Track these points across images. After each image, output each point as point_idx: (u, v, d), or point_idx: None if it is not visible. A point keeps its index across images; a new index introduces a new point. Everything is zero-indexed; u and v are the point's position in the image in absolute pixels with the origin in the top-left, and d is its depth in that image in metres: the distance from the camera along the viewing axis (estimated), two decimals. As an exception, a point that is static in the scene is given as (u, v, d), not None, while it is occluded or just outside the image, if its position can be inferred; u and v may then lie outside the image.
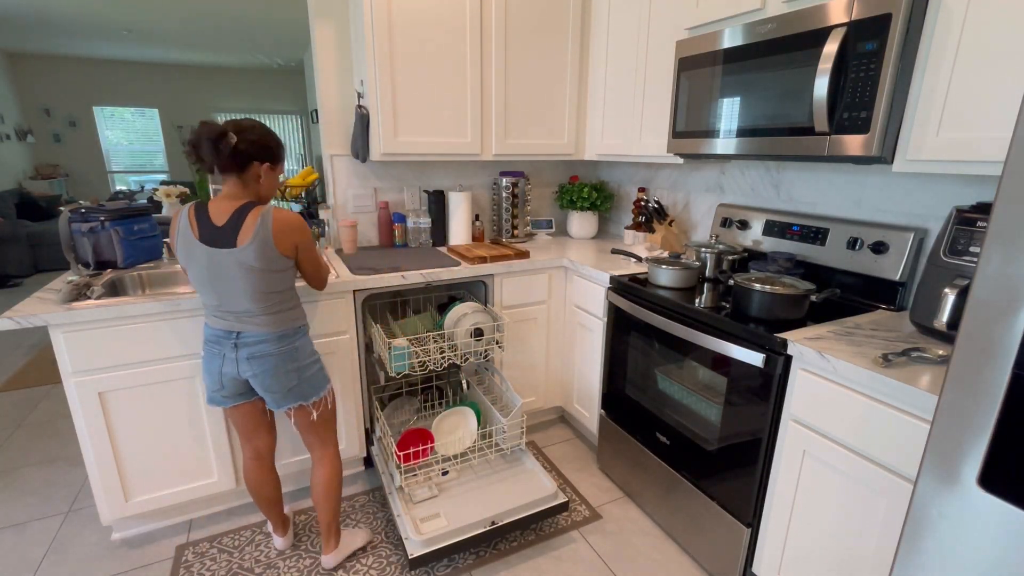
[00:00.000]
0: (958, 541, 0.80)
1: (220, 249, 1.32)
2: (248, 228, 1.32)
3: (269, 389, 1.45)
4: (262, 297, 1.38)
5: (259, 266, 1.34)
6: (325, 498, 1.60)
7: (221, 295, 1.37)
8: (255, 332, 1.40)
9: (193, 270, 1.36)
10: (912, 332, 1.36)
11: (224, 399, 1.50)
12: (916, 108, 1.24)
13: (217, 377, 1.45)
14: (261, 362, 1.41)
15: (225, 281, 1.34)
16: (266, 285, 1.37)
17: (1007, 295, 0.72)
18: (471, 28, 2.13)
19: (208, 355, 1.45)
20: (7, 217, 5.26)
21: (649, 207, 2.34)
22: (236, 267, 1.33)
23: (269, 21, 5.27)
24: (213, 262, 1.33)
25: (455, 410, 1.97)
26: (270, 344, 1.41)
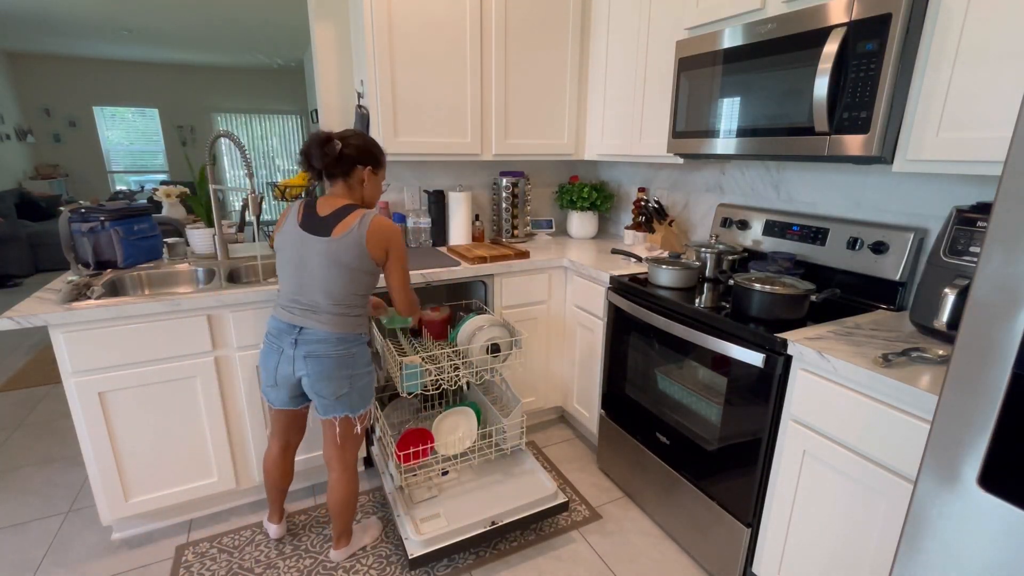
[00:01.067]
0: (958, 541, 0.80)
1: (315, 236, 1.40)
2: (347, 223, 1.40)
3: (320, 393, 1.46)
4: (336, 294, 1.42)
5: (345, 260, 1.39)
6: (341, 513, 1.62)
7: (302, 282, 1.43)
8: (317, 330, 1.43)
9: (283, 253, 1.44)
10: (912, 332, 1.36)
11: (276, 398, 1.54)
12: (916, 108, 1.24)
13: (272, 373, 1.50)
14: (317, 362, 1.43)
15: (309, 269, 1.41)
16: (344, 283, 1.42)
17: (1007, 295, 0.72)
18: (471, 28, 2.13)
19: (267, 348, 1.50)
20: (7, 217, 5.26)
21: (649, 207, 2.34)
22: (324, 256, 1.39)
23: (269, 21, 5.27)
24: (305, 247, 1.41)
25: (455, 410, 1.97)
26: (329, 345, 1.43)
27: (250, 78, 8.01)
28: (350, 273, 1.41)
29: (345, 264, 1.40)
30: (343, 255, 1.39)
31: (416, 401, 2.36)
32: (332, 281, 1.41)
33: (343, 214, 1.41)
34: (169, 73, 7.57)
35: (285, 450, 1.67)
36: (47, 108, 7.01)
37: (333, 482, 1.58)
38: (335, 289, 1.42)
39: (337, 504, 1.60)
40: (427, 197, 2.48)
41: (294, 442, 1.69)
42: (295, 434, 1.68)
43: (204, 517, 1.90)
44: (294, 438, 1.68)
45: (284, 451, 1.67)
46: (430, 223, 2.44)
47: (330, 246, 1.39)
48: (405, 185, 2.53)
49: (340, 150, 1.41)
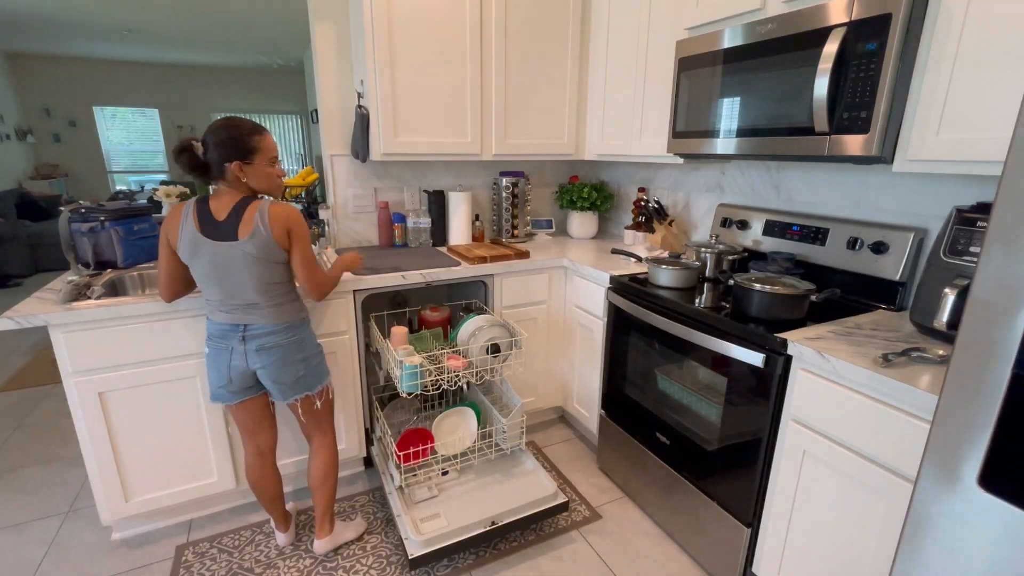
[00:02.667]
0: (958, 541, 0.80)
1: (223, 242, 1.37)
2: (248, 221, 1.37)
3: (278, 380, 1.48)
4: (266, 288, 1.42)
5: (261, 256, 1.38)
6: (322, 484, 1.64)
7: (226, 288, 1.41)
8: (262, 324, 1.44)
9: (198, 265, 1.39)
10: (912, 332, 1.36)
11: (231, 395, 1.51)
12: (916, 108, 1.24)
13: (225, 372, 1.48)
14: (270, 353, 1.46)
15: (230, 274, 1.39)
16: (268, 276, 1.42)
17: (1007, 295, 0.72)
18: (471, 28, 2.13)
19: (214, 351, 1.47)
20: (7, 217, 5.26)
21: (649, 207, 2.34)
22: (240, 259, 1.37)
23: (269, 21, 5.27)
24: (218, 255, 1.37)
25: (455, 410, 1.97)
26: (278, 335, 1.46)
27: (250, 78, 8.01)
28: (269, 266, 1.41)
29: (262, 259, 1.39)
30: (257, 254, 1.38)
31: (416, 401, 2.36)
32: (257, 279, 1.40)
33: (240, 211, 1.37)
34: (169, 73, 7.57)
35: (261, 454, 1.63)
36: (47, 108, 7.01)
37: (312, 451, 1.63)
38: (263, 285, 1.42)
39: (317, 473, 1.62)
40: (427, 197, 2.48)
41: (267, 442, 1.63)
42: (265, 431, 1.62)
43: (204, 517, 1.90)
44: (265, 437, 1.63)
45: (260, 455, 1.63)
46: (430, 223, 2.44)
47: (242, 248, 1.36)
48: (405, 185, 2.53)
49: (201, 157, 1.36)
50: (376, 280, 1.90)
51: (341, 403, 1.95)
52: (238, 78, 7.95)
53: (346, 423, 1.99)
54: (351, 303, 1.89)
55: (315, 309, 1.82)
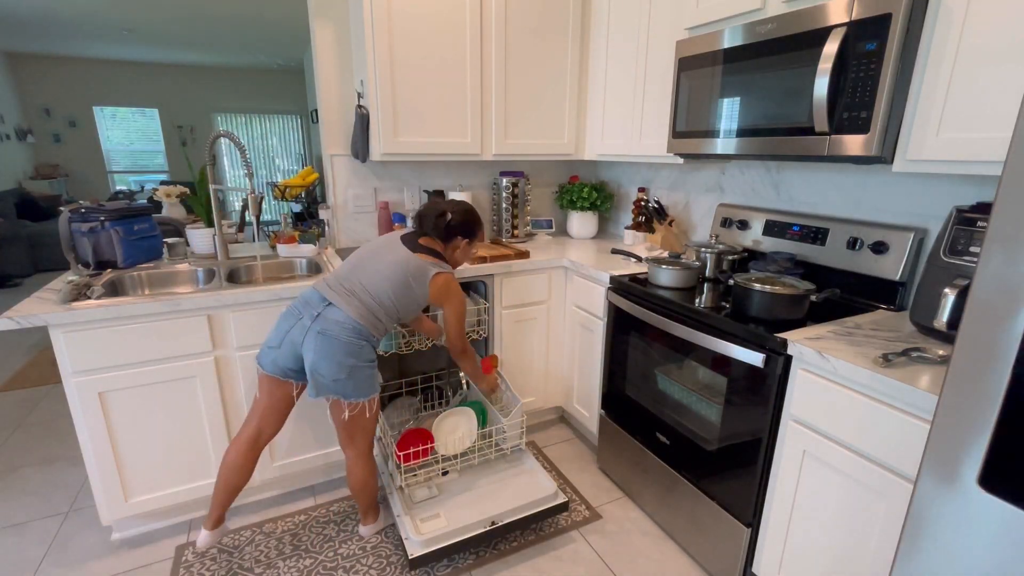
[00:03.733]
0: (958, 541, 0.80)
1: (403, 245, 1.59)
2: (428, 258, 1.60)
3: (317, 370, 1.49)
4: (381, 294, 1.54)
5: (408, 275, 1.55)
6: (361, 492, 1.71)
7: (361, 267, 1.57)
8: (342, 310, 1.50)
9: (363, 249, 1.63)
10: (912, 332, 1.36)
11: (271, 363, 1.55)
12: (916, 108, 1.24)
13: (282, 336, 1.53)
14: (325, 341, 1.48)
15: (376, 262, 1.56)
16: (394, 290, 1.55)
17: (1007, 295, 0.72)
18: (471, 28, 2.13)
19: (287, 313, 1.55)
20: (7, 217, 5.27)
21: (649, 207, 2.34)
22: (395, 261, 1.56)
23: (269, 21, 5.27)
24: (389, 246, 1.59)
25: (455, 410, 1.97)
26: (343, 329, 1.49)
27: (250, 78, 8.01)
28: (405, 288, 1.56)
29: (406, 279, 1.55)
30: (410, 271, 1.56)
31: (416, 401, 2.36)
32: (387, 281, 1.54)
33: (431, 252, 1.63)
34: (169, 73, 7.57)
35: (255, 440, 1.61)
36: (47, 108, 7.01)
37: (348, 467, 1.67)
38: (384, 289, 1.54)
39: (355, 486, 1.69)
40: (427, 197, 2.48)
41: (267, 432, 1.63)
42: (272, 420, 1.62)
43: (204, 517, 1.90)
44: (269, 426, 1.62)
45: (254, 441, 1.60)
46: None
47: (408, 258, 1.57)
48: (405, 185, 2.53)
49: (448, 221, 1.64)
50: (376, 280, 1.90)
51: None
52: (238, 78, 7.95)
53: (346, 423, 1.99)
54: (351, 303, 1.89)
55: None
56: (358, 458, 1.63)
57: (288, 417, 1.69)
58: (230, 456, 1.60)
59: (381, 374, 2.51)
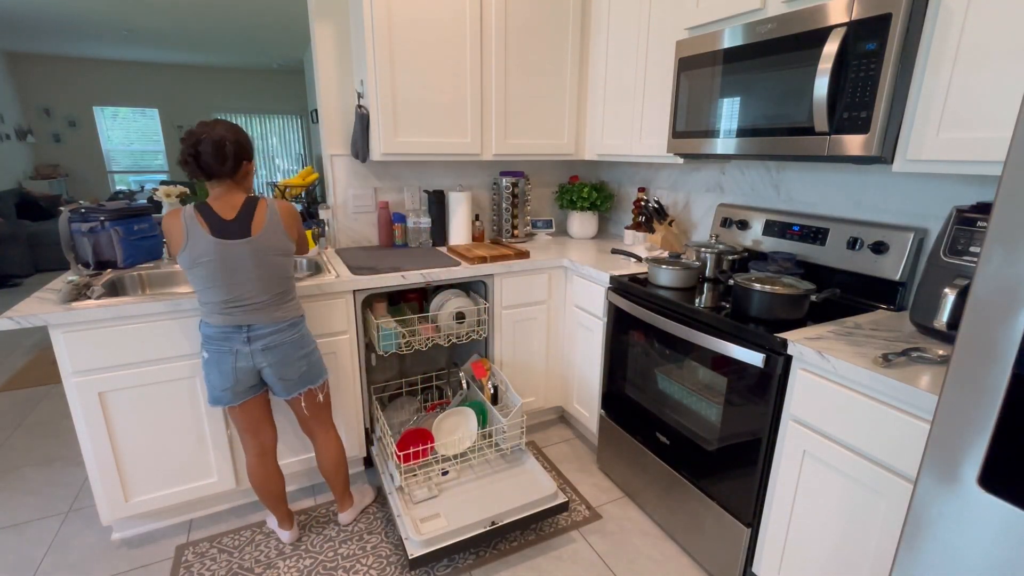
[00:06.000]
0: (958, 541, 0.80)
1: (234, 240, 1.41)
2: (260, 218, 1.45)
3: (283, 377, 1.53)
4: (275, 283, 1.48)
5: (273, 251, 1.46)
6: (336, 473, 1.74)
7: (233, 288, 1.43)
8: (267, 323, 1.48)
9: (204, 268, 1.40)
10: (912, 332, 1.36)
11: (234, 396, 1.53)
12: (916, 108, 1.24)
13: (230, 374, 1.49)
14: (276, 351, 1.50)
15: (239, 272, 1.43)
16: (275, 272, 1.48)
17: (1007, 295, 0.72)
18: (471, 28, 2.13)
19: (216, 355, 1.48)
20: (7, 217, 5.26)
21: (649, 207, 2.34)
22: (251, 255, 1.43)
23: (269, 21, 5.27)
24: (228, 254, 1.41)
25: (455, 410, 1.98)
26: (282, 333, 1.51)
27: (250, 78, 8.01)
28: (278, 261, 1.49)
29: (273, 254, 1.47)
30: (269, 247, 1.45)
31: (416, 401, 2.37)
32: (265, 275, 1.46)
33: (250, 210, 1.45)
34: (169, 73, 7.57)
35: (263, 454, 1.64)
36: (47, 108, 7.01)
37: (320, 448, 1.70)
38: (269, 282, 1.48)
39: (330, 465, 1.72)
40: (427, 197, 2.48)
41: (268, 442, 1.66)
42: (265, 430, 1.64)
43: (204, 517, 1.90)
44: (267, 437, 1.65)
45: (262, 455, 1.64)
46: (430, 223, 2.44)
47: (256, 244, 1.43)
48: (405, 185, 2.53)
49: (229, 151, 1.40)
50: (376, 280, 1.90)
51: (341, 403, 1.95)
52: (238, 78, 7.95)
53: (346, 423, 1.99)
54: (351, 303, 1.89)
55: (315, 309, 1.82)
56: (328, 432, 1.71)
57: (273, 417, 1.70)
58: (255, 476, 1.66)
59: (381, 374, 2.53)
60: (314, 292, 1.80)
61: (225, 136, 1.40)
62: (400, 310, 2.19)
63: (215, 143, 1.38)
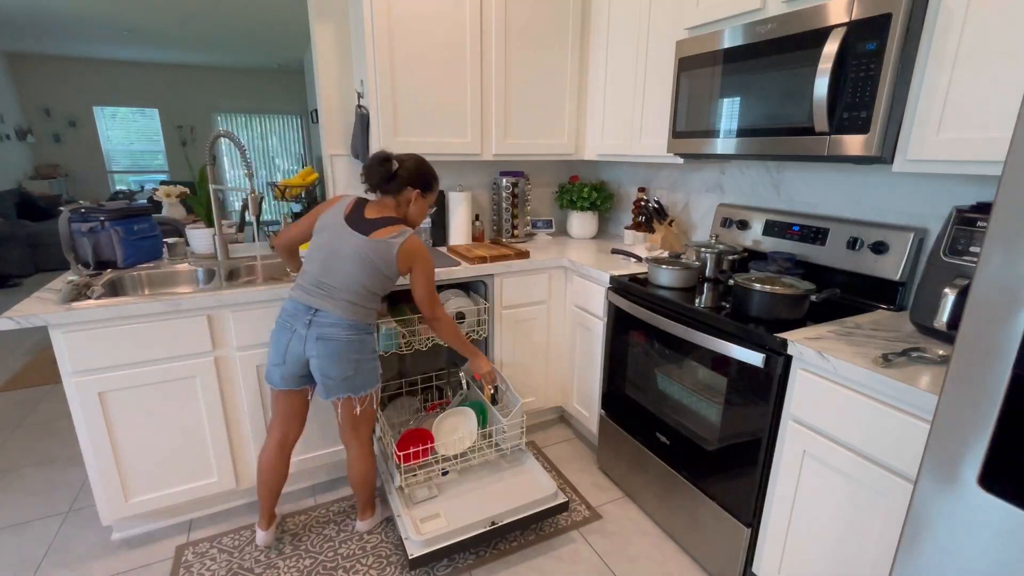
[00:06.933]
0: (958, 541, 0.80)
1: (355, 232, 1.52)
2: (386, 232, 1.53)
3: (327, 374, 1.53)
4: (357, 287, 1.52)
5: (374, 262, 1.51)
6: (362, 487, 1.74)
7: (329, 267, 1.51)
8: (332, 313, 1.51)
9: (320, 237, 1.54)
10: (912, 332, 1.36)
11: (280, 379, 1.57)
12: (916, 108, 1.24)
13: (282, 352, 1.54)
14: (328, 344, 1.51)
15: (340, 258, 1.51)
16: (367, 279, 1.52)
17: (1007, 295, 0.72)
18: (471, 28, 2.13)
19: (279, 328, 1.55)
20: (7, 217, 5.26)
21: (649, 207, 2.34)
22: (356, 252, 1.50)
23: (269, 21, 5.27)
24: (342, 238, 1.52)
25: (456, 410, 1.98)
26: (341, 329, 1.51)
27: (250, 78, 8.01)
28: (375, 274, 1.53)
29: (373, 264, 1.52)
30: (374, 257, 1.51)
31: (416, 401, 2.36)
32: (357, 274, 1.51)
33: (386, 223, 1.54)
34: (169, 73, 7.57)
35: (283, 444, 1.66)
36: (47, 108, 7.01)
37: (351, 460, 1.70)
38: (357, 282, 1.52)
39: (356, 479, 1.72)
40: (427, 197, 2.48)
41: (293, 435, 1.68)
42: (295, 424, 1.68)
43: (204, 517, 1.90)
44: (293, 430, 1.68)
45: (282, 446, 1.66)
46: (430, 223, 2.44)
47: (365, 245, 1.50)
48: (405, 185, 2.53)
49: (395, 170, 1.56)
50: (376, 280, 1.90)
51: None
52: (238, 78, 7.95)
53: (346, 423, 1.99)
54: (351, 303, 1.89)
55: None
56: (362, 449, 1.69)
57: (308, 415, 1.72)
58: (264, 463, 1.67)
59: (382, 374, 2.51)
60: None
61: (395, 157, 1.57)
62: (400, 310, 2.19)
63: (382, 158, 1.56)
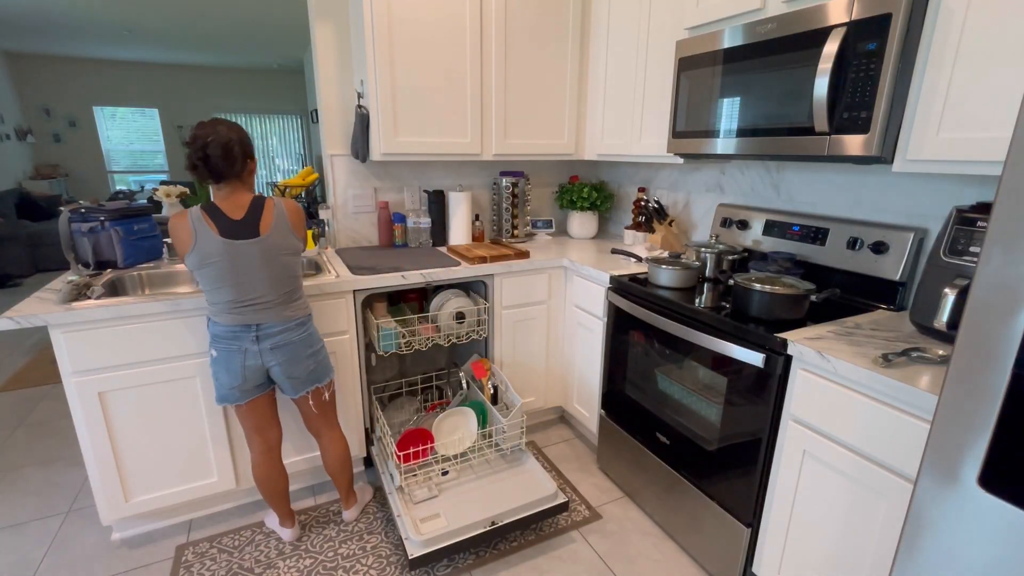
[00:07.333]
0: (958, 541, 0.80)
1: (243, 240, 1.42)
2: (268, 217, 1.46)
3: (291, 375, 1.55)
4: (283, 283, 1.49)
5: (281, 250, 1.47)
6: (341, 471, 1.77)
7: (242, 287, 1.44)
8: (275, 322, 1.50)
9: (213, 268, 1.41)
10: (912, 332, 1.36)
11: (242, 394, 1.54)
12: (916, 108, 1.24)
13: (239, 372, 1.50)
14: (284, 350, 1.52)
15: (247, 272, 1.43)
16: (283, 271, 1.49)
17: (1007, 295, 0.72)
18: (471, 28, 2.13)
19: (226, 353, 1.49)
20: (7, 217, 5.26)
21: (649, 207, 2.34)
22: (260, 255, 1.44)
23: (269, 21, 5.27)
24: (237, 254, 1.41)
25: (456, 410, 1.98)
26: (291, 332, 1.52)
27: (250, 78, 8.01)
28: (288, 259, 1.50)
29: (282, 253, 1.48)
30: (278, 247, 1.46)
31: (416, 401, 2.37)
32: (274, 275, 1.47)
33: (258, 210, 1.45)
34: (169, 73, 7.57)
35: (269, 450, 1.66)
36: (47, 108, 7.01)
37: (325, 446, 1.73)
38: (278, 281, 1.48)
39: (336, 463, 1.74)
40: (427, 197, 2.48)
41: (275, 438, 1.67)
42: (272, 427, 1.66)
43: (204, 517, 1.90)
44: (273, 433, 1.66)
45: (268, 451, 1.66)
46: (430, 223, 2.44)
47: (264, 244, 1.44)
48: (405, 185, 2.53)
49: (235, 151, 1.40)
50: (376, 280, 1.90)
51: (341, 403, 1.95)
52: (238, 78, 7.95)
53: (346, 423, 1.98)
54: (351, 303, 1.89)
55: (315, 309, 1.81)
56: (333, 431, 1.73)
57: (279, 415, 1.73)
58: (259, 473, 1.67)
59: (381, 374, 2.53)
60: (314, 292, 1.80)
61: (231, 136, 1.39)
62: (400, 310, 2.19)
63: (223, 145, 1.37)
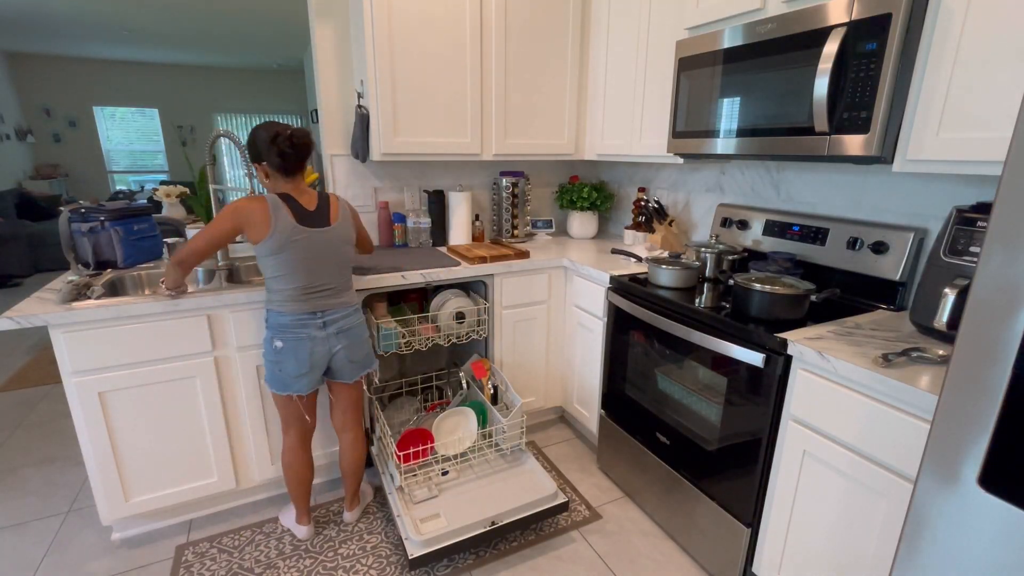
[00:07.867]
0: (958, 541, 0.80)
1: (318, 228, 1.53)
2: (335, 209, 1.59)
3: (354, 359, 1.65)
4: (345, 271, 1.61)
5: (347, 240, 1.60)
6: (355, 473, 1.81)
7: (314, 273, 1.53)
8: (339, 308, 1.60)
9: (291, 253, 1.49)
10: (912, 332, 1.36)
11: (305, 385, 1.59)
12: (916, 108, 1.24)
13: (306, 360, 1.55)
14: (348, 334, 1.62)
15: (320, 259, 1.54)
16: (346, 260, 1.61)
17: (1007, 295, 0.72)
18: (471, 28, 2.13)
19: (294, 341, 1.54)
20: (7, 217, 5.26)
21: (649, 207, 2.34)
22: (332, 243, 1.56)
23: (269, 21, 5.27)
24: (312, 240, 1.52)
25: (456, 410, 1.98)
26: (351, 317, 1.63)
27: (250, 78, 8.01)
28: (347, 250, 1.62)
29: (347, 243, 1.61)
30: (343, 237, 1.59)
31: (416, 401, 2.37)
32: (340, 262, 1.59)
33: (326, 203, 1.59)
34: (169, 73, 7.57)
35: (303, 442, 1.70)
36: (47, 108, 7.01)
37: (349, 444, 1.77)
38: (342, 268, 1.60)
39: (353, 464, 1.78)
40: (427, 197, 2.48)
41: (311, 430, 1.73)
42: (312, 420, 1.72)
43: (204, 517, 1.90)
44: (311, 425, 1.72)
45: (303, 443, 1.70)
46: (430, 223, 2.44)
47: (335, 232, 1.57)
48: (405, 185, 2.53)
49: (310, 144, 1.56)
50: (376, 280, 1.90)
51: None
52: (238, 78, 7.95)
53: (346, 423, 1.99)
54: (351, 303, 1.89)
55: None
56: (358, 432, 1.78)
57: None
58: (293, 462, 1.70)
59: (381, 374, 2.53)
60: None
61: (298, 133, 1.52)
62: (400, 310, 2.19)
63: (306, 136, 1.51)
